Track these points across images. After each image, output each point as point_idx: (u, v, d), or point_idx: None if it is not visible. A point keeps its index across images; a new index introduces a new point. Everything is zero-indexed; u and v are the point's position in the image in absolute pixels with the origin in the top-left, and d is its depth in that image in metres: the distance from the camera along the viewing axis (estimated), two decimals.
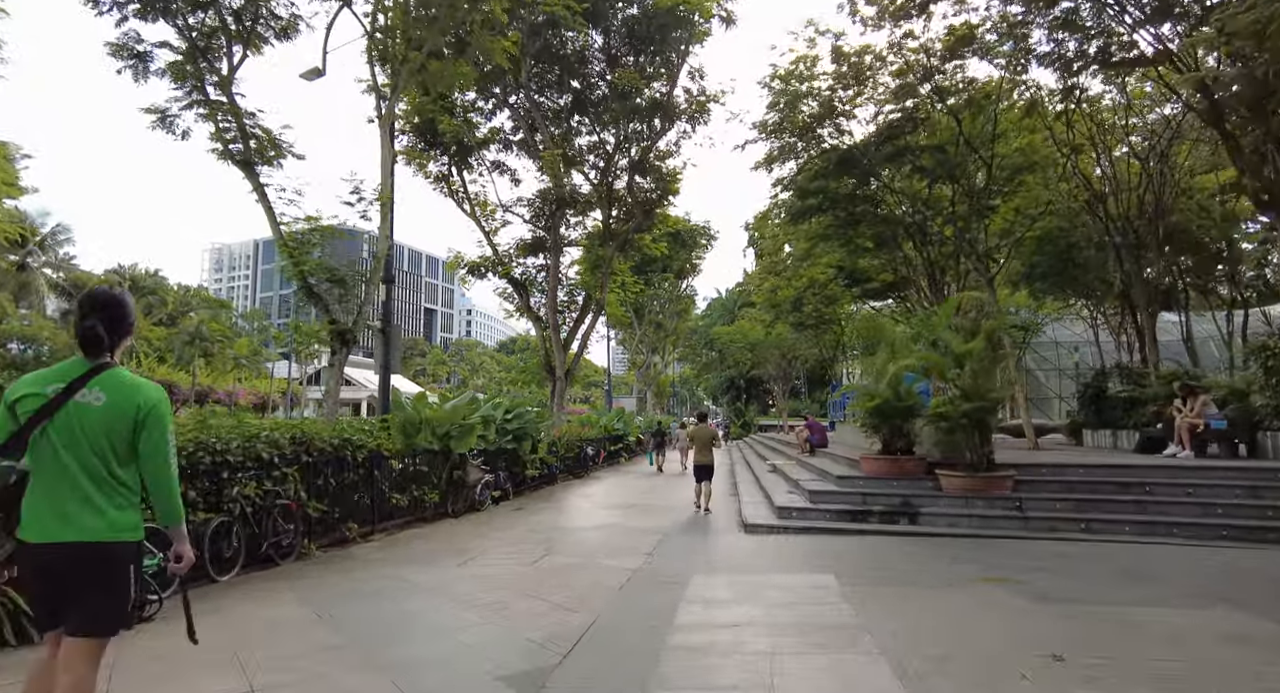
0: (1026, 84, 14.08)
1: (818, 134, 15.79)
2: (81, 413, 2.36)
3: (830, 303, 25.56)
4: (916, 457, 9.63)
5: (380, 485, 10.29)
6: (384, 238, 10.88)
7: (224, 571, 6.79)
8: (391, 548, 8.78)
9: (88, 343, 2.42)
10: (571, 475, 18.92)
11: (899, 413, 9.43)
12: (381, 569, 7.15)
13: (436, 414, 11.86)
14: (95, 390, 2.39)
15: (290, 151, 11.53)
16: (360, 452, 9.64)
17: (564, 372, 22.09)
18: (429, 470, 11.81)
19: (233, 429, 7.67)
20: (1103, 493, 8.57)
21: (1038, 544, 7.55)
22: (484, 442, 13.82)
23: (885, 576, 6.18)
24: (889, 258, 19.87)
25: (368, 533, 9.68)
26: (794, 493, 10.73)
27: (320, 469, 8.82)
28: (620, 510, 12.37)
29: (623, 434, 25.70)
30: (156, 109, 10.60)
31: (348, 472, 9.49)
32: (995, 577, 5.91)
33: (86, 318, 2.45)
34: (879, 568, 6.55)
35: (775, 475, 14.60)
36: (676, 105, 21.05)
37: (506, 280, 22.72)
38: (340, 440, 9.28)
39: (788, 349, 37.23)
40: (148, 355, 40.25)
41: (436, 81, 11.96)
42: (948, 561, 6.77)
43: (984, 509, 8.69)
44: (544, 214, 21.66)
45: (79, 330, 2.44)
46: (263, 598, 5.84)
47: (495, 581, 6.34)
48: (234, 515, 7.03)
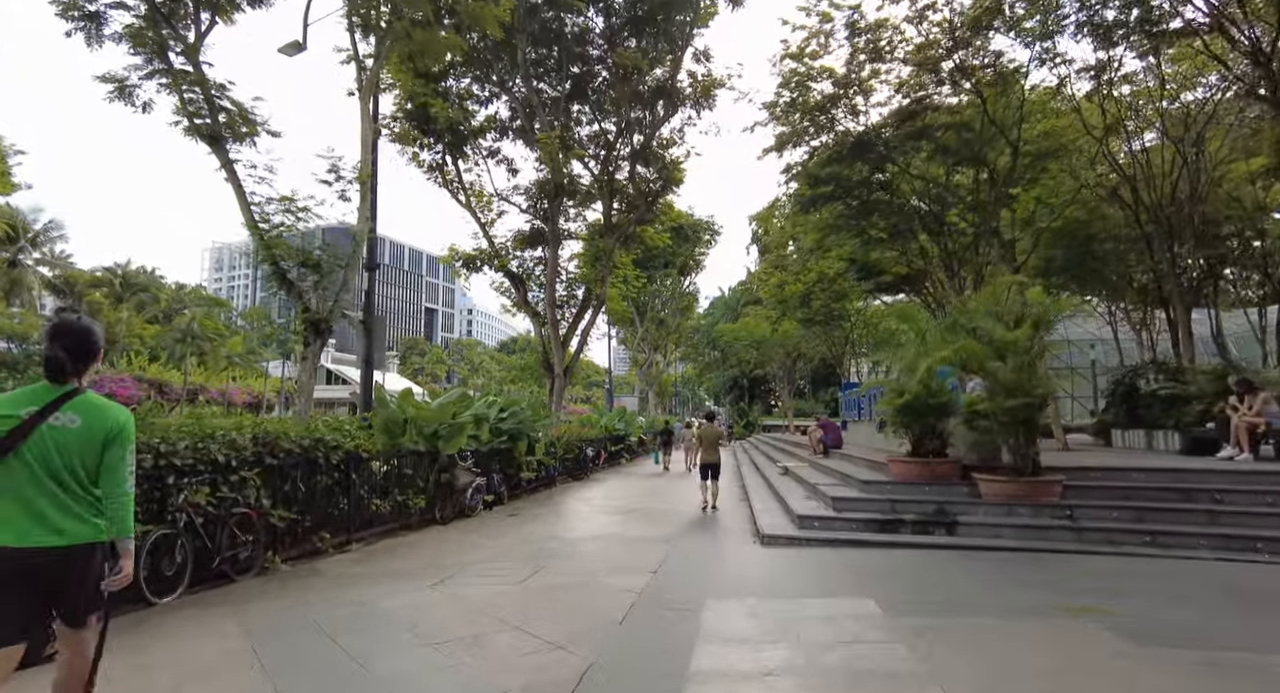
0: (1056, 57, 13.11)
1: (831, 116, 14.86)
2: (57, 435, 2.59)
3: (839, 298, 24.64)
4: (950, 459, 8.68)
5: (359, 490, 9.38)
6: (364, 220, 9.95)
7: (165, 591, 5.86)
8: (367, 561, 7.86)
9: (52, 369, 2.63)
10: (571, 477, 18.03)
11: (931, 411, 8.48)
12: (348, 590, 6.22)
13: (423, 412, 10.93)
14: (69, 414, 2.62)
15: (265, 129, 10.62)
16: (335, 453, 8.72)
17: (563, 369, 21.18)
18: (414, 473, 10.92)
19: (182, 427, 6.77)
20: (1165, 501, 7.62)
21: (1101, 561, 6.60)
22: (476, 442, 12.91)
23: (937, 602, 5.23)
24: (903, 250, 18.93)
25: (344, 543, 8.78)
26: (813, 499, 9.79)
27: (287, 473, 7.90)
28: (622, 516, 11.45)
29: (624, 434, 24.77)
30: (113, 77, 9.67)
31: (320, 476, 8.57)
32: (1074, 605, 4.92)
33: (52, 345, 2.66)
34: (927, 591, 5.60)
35: (788, 479, 13.67)
36: (680, 90, 20.13)
37: (503, 274, 21.80)
38: (311, 441, 8.35)
39: (793, 347, 36.30)
40: (139, 353, 39.33)
41: (423, 51, 11.03)
42: (1006, 582, 5.82)
43: (1029, 518, 7.75)
44: (541, 202, 20.71)
45: (45, 356, 2.65)
46: (197, 629, 4.91)
47: (475, 605, 5.41)
48: (179, 527, 6.10)
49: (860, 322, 27.17)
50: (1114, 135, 14.81)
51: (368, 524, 9.52)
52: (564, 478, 17.52)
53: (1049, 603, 5.04)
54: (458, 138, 20.43)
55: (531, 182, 20.87)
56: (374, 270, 11.26)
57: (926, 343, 8.33)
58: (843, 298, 24.66)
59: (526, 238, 21.75)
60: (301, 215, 9.93)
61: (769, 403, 58.19)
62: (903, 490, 8.59)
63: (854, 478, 9.71)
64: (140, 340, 44.92)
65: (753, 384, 55.94)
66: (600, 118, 21.45)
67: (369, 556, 8.21)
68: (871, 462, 10.66)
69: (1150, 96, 15.29)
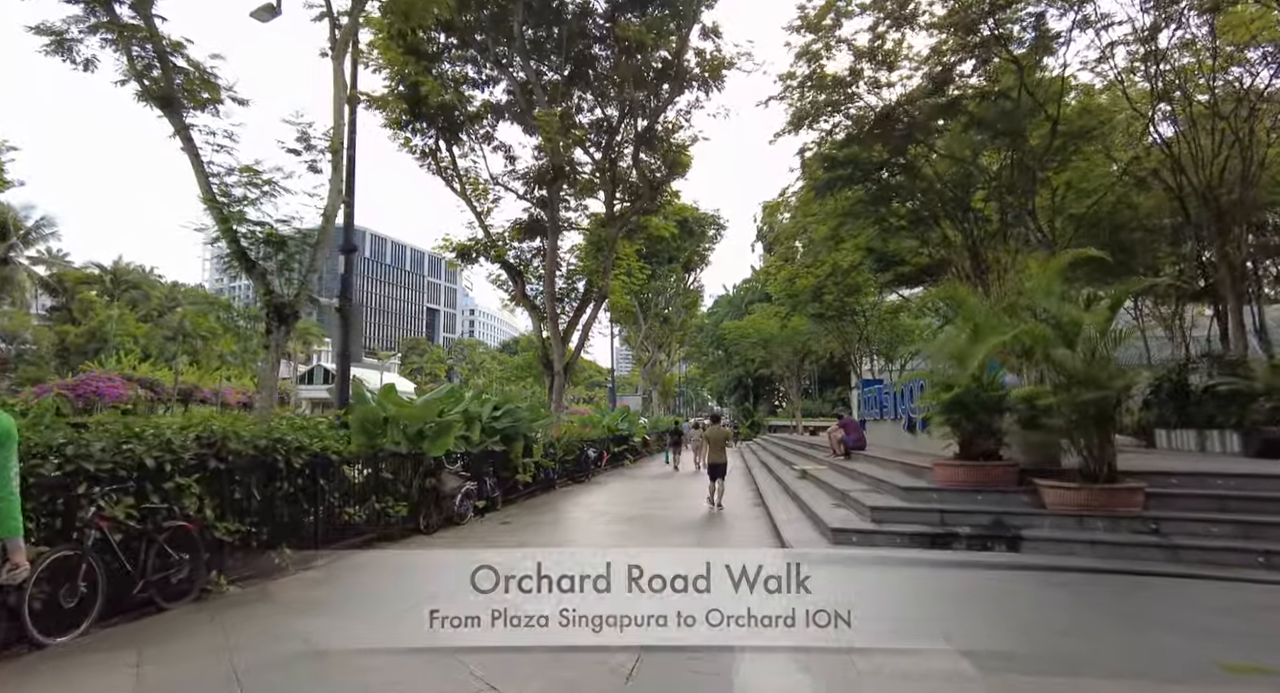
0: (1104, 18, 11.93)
1: (850, 92, 13.70)
2: None
3: (852, 293, 23.45)
4: (1006, 462, 7.53)
5: (329, 497, 8.27)
6: (336, 193, 8.82)
7: (65, 627, 4.73)
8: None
9: None
10: (571, 480, 16.90)
11: (985, 406, 7.33)
12: (295, 621, 5.11)
13: (405, 410, 9.80)
14: None
15: (231, 95, 9.50)
16: (298, 455, 7.60)
17: (563, 366, 20.03)
18: (395, 478, 9.82)
19: (99, 426, 5.68)
20: (1272, 513, 6.45)
21: (1213, 589, 5.43)
22: (466, 443, 11.80)
23: (1042, 650, 4.04)
24: (924, 238, 17.77)
25: (309, 558, 7.66)
26: (844, 507, 8.63)
27: (238, 478, 6.79)
28: (625, 525, 10.33)
29: (627, 435, 23.61)
30: (50, 29, 8.57)
31: (281, 481, 7.47)
32: (1232, 660, 3.71)
33: None
34: (1016, 631, 4.44)
35: (807, 483, 12.51)
36: (687, 70, 18.97)
37: (500, 265, 20.65)
38: (269, 441, 7.24)
39: (802, 344, 35.09)
40: (130, 352, 38.29)
41: (407, 11, 9.91)
42: (1112, 619, 4.66)
43: (1106, 532, 6.59)
44: (539, 188, 19.56)
45: None
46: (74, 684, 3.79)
47: (451, 648, 4.28)
48: (85, 547, 4.98)
49: (875, 317, 25.97)
50: (1162, 106, 13.60)
51: (339, 536, 8.41)
52: (564, 481, 16.40)
53: (1193, 655, 3.84)
54: (451, 122, 19.31)
55: (529, 168, 19.71)
56: (351, 253, 10.13)
57: (980, 327, 7.16)
58: (856, 292, 23.48)
59: (525, 227, 20.59)
60: (268, 189, 8.81)
61: (773, 403, 56.97)
62: (951, 499, 7.44)
63: (889, 484, 8.56)
64: (133, 339, 43.90)
65: (757, 384, 54.73)
66: (603, 104, 20.31)
67: (333, 575, 7.10)
68: (907, 465, 9.50)
69: (1201, 68, 14.09)
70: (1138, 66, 12.72)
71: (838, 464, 13.02)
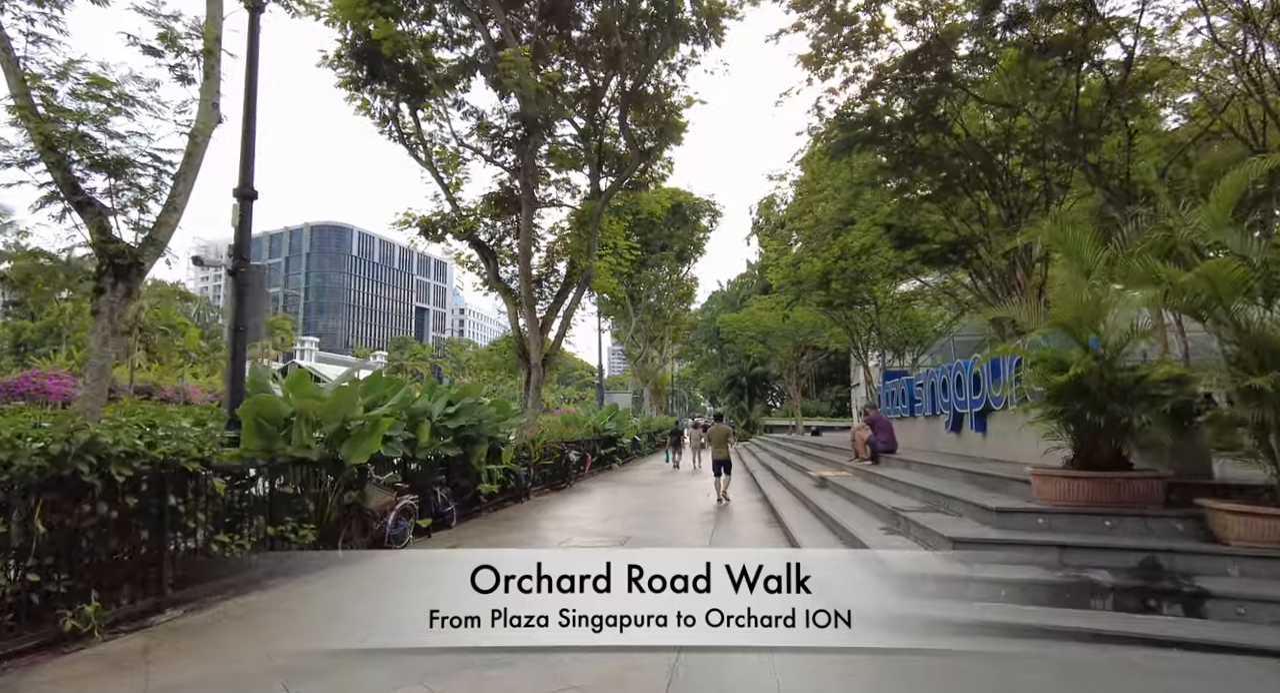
0: None
1: (878, 22, 11.43)
2: None
3: (860, 280, 21.19)
4: (1146, 473, 5.23)
5: (185, 523, 5.93)
6: (208, 105, 6.43)
7: None
8: (152, 658, 4.42)
9: None
10: (550, 488, 14.57)
11: (1117, 393, 5.04)
12: None
13: (310, 404, 7.41)
14: None
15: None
16: (125, 466, 5.26)
17: (540, 358, 17.66)
18: (301, 493, 7.49)
19: None
20: None
21: None
22: (407, 448, 9.45)
23: None
24: (951, 209, 15.50)
25: (145, 614, 5.33)
26: (898, 533, 6.31)
27: (7, 503, 4.48)
28: (607, 553, 7.97)
29: (615, 435, 21.25)
30: None
31: (95, 504, 5.14)
32: None
33: None
34: None
35: (830, 495, 10.20)
36: (683, 20, 16.66)
37: (469, 243, 18.24)
38: (69, 447, 4.91)
39: (803, 339, 32.80)
40: (82, 346, 35.60)
41: None
42: None
43: None
44: (511, 148, 17.18)
45: None
46: None
47: None
48: None
49: (887, 305, 23.75)
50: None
51: (203, 578, 6.06)
52: (541, 489, 14.07)
53: None
54: (416, 81, 16.92)
55: (500, 128, 17.30)
56: (251, 200, 7.75)
57: (1114, 271, 4.85)
58: (864, 279, 21.25)
59: (497, 199, 18.19)
60: (116, 102, 6.41)
61: (769, 403, 54.74)
62: (1068, 525, 5.14)
63: (959, 500, 6.26)
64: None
65: (752, 383, 52.42)
66: (587, 67, 17.98)
67: (167, 638, 4.82)
68: (974, 474, 7.20)
69: None
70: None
71: (865, 470, 10.73)
